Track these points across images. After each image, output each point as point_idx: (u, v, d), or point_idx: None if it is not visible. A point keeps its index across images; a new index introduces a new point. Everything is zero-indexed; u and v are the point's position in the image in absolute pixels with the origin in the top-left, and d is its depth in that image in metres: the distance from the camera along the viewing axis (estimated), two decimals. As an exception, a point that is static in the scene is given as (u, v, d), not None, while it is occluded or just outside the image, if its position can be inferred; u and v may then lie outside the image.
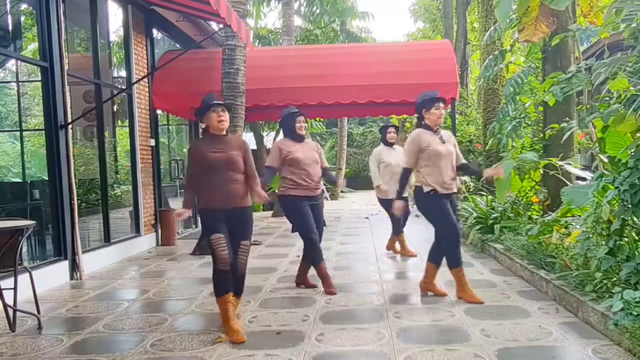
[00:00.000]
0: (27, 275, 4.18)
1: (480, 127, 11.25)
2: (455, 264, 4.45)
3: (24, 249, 5.10)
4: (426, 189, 4.36)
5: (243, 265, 3.79)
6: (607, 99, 5.06)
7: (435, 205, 4.36)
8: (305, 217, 4.80)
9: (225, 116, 3.82)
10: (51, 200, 5.74)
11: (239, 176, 3.77)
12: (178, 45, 9.82)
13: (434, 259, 4.57)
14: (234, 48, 7.23)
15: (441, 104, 4.59)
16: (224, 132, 3.85)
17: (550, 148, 6.94)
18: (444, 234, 4.40)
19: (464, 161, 4.71)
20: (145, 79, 8.07)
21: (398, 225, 6.59)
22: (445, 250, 4.46)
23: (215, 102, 3.84)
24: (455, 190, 4.51)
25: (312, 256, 4.90)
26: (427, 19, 25.34)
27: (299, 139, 4.97)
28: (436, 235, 4.48)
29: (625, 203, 3.72)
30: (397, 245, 6.77)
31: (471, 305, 4.22)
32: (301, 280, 5.11)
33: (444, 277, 5.31)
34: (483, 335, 3.51)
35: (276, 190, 5.10)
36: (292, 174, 4.84)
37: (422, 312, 4.12)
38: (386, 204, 6.46)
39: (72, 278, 5.80)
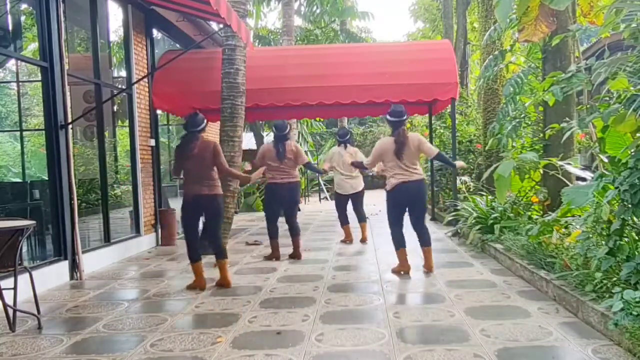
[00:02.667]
0: (27, 275, 4.18)
1: (480, 127, 11.24)
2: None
3: (24, 249, 5.10)
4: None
5: None
6: (607, 99, 5.05)
7: None
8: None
9: None
10: (51, 200, 5.74)
11: None
12: (178, 45, 9.82)
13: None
14: (234, 48, 7.22)
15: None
16: None
17: (550, 148, 6.94)
18: None
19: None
20: (145, 79, 8.07)
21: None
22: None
23: None
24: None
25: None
26: (427, 19, 25.32)
27: None
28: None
29: (625, 203, 3.72)
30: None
31: (471, 305, 4.23)
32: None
33: (444, 277, 5.32)
34: (483, 335, 3.51)
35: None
36: None
37: (422, 312, 4.12)
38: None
39: (72, 278, 5.80)
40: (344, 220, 7.94)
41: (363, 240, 7.79)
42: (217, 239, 5.27)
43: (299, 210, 6.64)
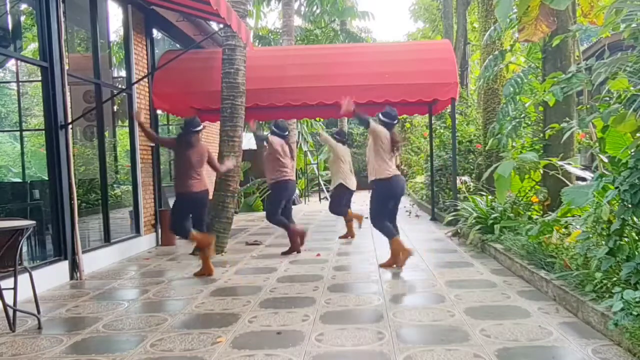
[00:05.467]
0: (27, 275, 4.18)
1: (480, 127, 11.25)
2: None
3: (24, 249, 5.10)
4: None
5: None
6: (607, 99, 5.05)
7: None
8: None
9: None
10: (51, 200, 5.74)
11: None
12: (178, 45, 9.82)
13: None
14: (234, 48, 7.22)
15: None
16: None
17: (550, 148, 6.94)
18: None
19: None
20: (145, 79, 8.07)
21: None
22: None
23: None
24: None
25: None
26: (427, 19, 25.36)
27: None
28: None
29: (625, 203, 3.72)
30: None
31: (471, 305, 4.23)
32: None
33: (444, 277, 5.32)
34: (483, 335, 3.51)
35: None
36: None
37: (422, 312, 4.12)
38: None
39: (72, 278, 5.80)
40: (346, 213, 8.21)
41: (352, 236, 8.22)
42: (204, 222, 6.04)
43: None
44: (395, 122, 5.93)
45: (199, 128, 5.80)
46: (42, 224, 5.89)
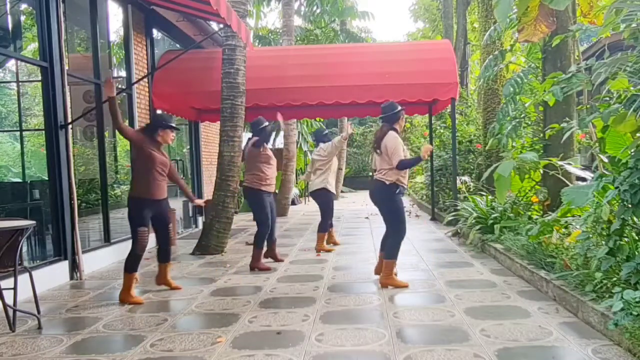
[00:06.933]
0: (27, 275, 4.18)
1: (480, 127, 11.25)
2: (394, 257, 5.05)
3: (24, 249, 5.10)
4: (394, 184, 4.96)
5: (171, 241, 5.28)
6: (607, 99, 5.05)
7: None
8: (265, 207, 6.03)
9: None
10: (51, 200, 5.74)
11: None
12: (178, 45, 9.82)
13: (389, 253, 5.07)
14: (234, 48, 7.23)
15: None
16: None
17: (550, 148, 6.94)
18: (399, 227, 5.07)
19: None
20: (145, 79, 8.07)
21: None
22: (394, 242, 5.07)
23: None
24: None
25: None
26: (427, 19, 25.37)
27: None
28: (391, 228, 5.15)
29: (625, 203, 3.72)
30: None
31: (471, 305, 4.23)
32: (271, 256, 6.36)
33: (444, 277, 5.32)
34: (483, 335, 3.51)
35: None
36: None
37: (422, 312, 4.12)
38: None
39: (72, 278, 5.80)
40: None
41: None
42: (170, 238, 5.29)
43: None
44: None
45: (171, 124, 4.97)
46: (42, 224, 5.89)
